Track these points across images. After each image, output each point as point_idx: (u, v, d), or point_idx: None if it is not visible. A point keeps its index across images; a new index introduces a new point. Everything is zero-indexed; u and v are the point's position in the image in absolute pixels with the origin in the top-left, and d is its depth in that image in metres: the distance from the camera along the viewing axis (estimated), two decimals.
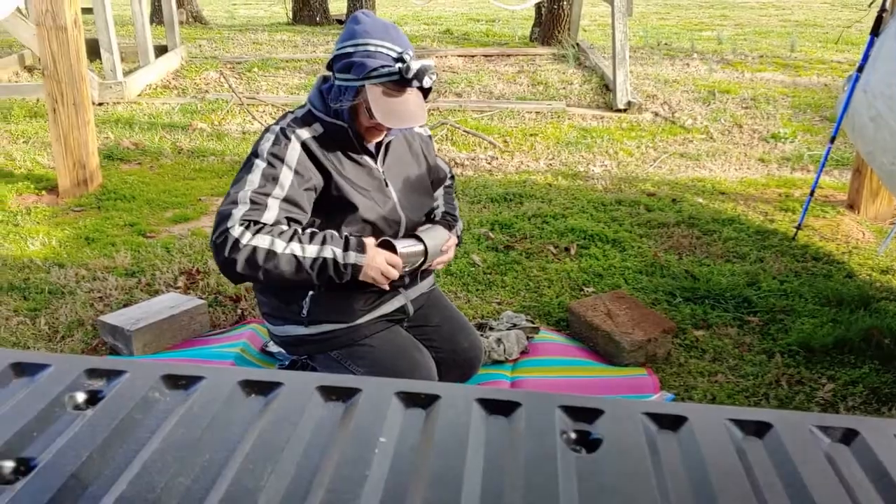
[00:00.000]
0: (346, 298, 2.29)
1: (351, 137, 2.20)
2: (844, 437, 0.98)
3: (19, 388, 1.02)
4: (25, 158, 5.06)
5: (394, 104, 2.07)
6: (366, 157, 2.26)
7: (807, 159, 5.40)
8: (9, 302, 3.12)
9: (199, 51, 9.04)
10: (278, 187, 2.08)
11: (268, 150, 2.12)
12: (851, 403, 2.56)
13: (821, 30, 11.39)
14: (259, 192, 2.07)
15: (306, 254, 2.05)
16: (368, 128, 2.18)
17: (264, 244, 2.02)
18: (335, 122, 2.18)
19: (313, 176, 2.14)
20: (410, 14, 14.07)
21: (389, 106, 2.07)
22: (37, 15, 4.17)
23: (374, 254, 2.12)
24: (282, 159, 2.10)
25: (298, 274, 2.06)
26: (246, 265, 2.02)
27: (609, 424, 0.98)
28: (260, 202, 2.06)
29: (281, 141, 2.12)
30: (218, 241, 2.03)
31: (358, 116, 2.16)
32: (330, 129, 2.19)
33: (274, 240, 2.03)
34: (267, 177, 2.09)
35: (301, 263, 2.05)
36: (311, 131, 2.18)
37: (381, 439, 0.92)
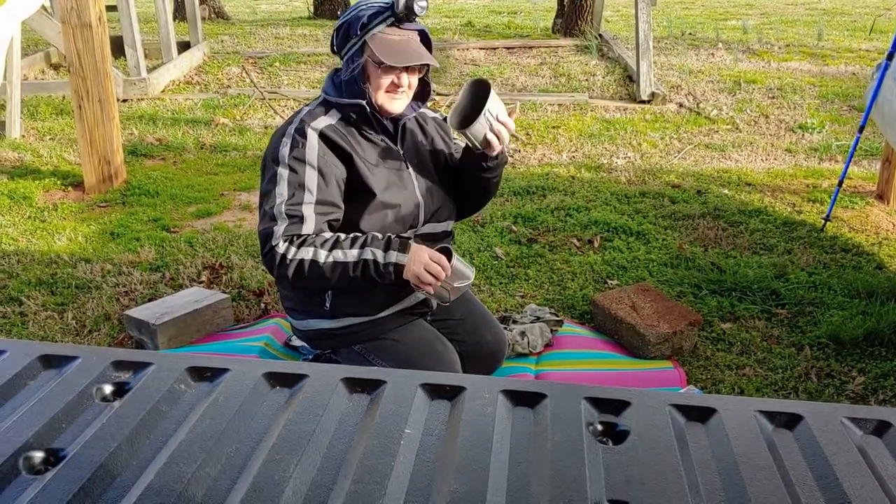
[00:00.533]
0: (368, 291, 2.29)
1: (368, 116, 2.21)
2: (877, 429, 0.96)
3: (48, 380, 1.03)
4: (52, 155, 5.12)
5: (396, 45, 2.12)
6: (385, 139, 2.27)
7: (835, 149, 5.32)
8: (37, 297, 3.16)
9: (222, 46, 9.08)
10: (307, 193, 2.10)
11: (287, 155, 2.13)
12: (882, 397, 2.52)
13: (848, 18, 11.22)
14: (292, 204, 2.09)
15: (348, 259, 2.08)
16: (385, 92, 2.17)
17: (308, 256, 2.06)
18: (352, 102, 2.19)
19: (336, 168, 2.14)
20: (432, 7, 14.04)
21: (392, 47, 2.11)
22: (62, 12, 4.21)
23: (417, 251, 2.11)
24: (303, 161, 2.11)
25: (343, 279, 2.09)
26: (296, 277, 2.09)
27: (636, 416, 0.97)
28: (296, 214, 2.09)
29: (298, 142, 2.13)
30: (266, 258, 2.11)
31: (370, 80, 2.17)
32: (346, 112, 2.21)
33: (317, 250, 2.07)
34: (294, 185, 2.10)
35: (345, 269, 2.08)
36: (328, 119, 2.19)
37: (407, 431, 0.91)
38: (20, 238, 3.79)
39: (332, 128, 2.18)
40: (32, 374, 1.04)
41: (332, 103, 2.22)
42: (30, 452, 0.88)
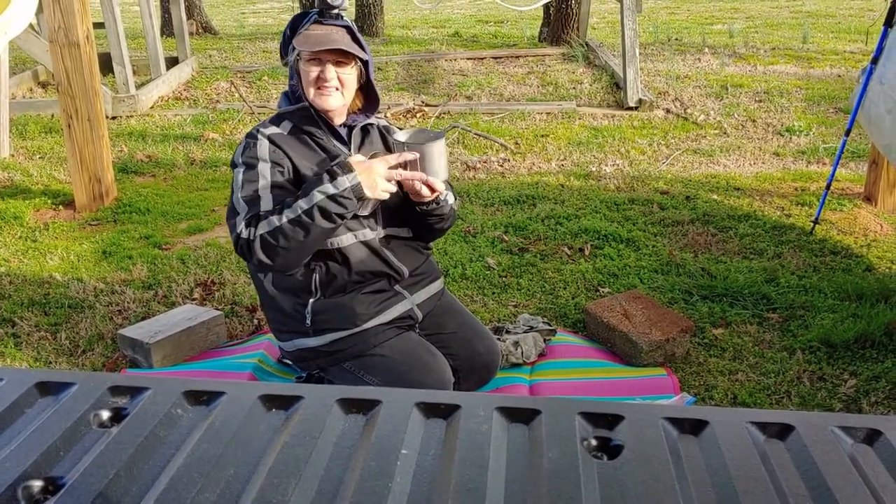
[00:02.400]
0: (348, 303, 2.31)
1: (316, 119, 2.31)
2: (867, 438, 0.98)
3: (45, 408, 1.04)
4: (42, 174, 5.11)
5: (316, 37, 2.23)
6: (336, 143, 2.35)
7: (822, 152, 5.36)
8: (30, 317, 3.16)
9: (210, 61, 9.09)
10: (262, 179, 2.21)
11: (241, 155, 2.27)
12: (875, 399, 2.54)
13: (833, 20, 11.31)
14: (248, 193, 2.19)
15: (301, 210, 2.12)
16: (314, 88, 2.25)
17: (266, 228, 2.13)
18: (296, 105, 2.30)
19: (285, 164, 2.25)
20: (419, 17, 14.09)
21: (312, 38, 2.22)
22: (50, 31, 4.21)
23: (360, 163, 2.15)
24: (255, 157, 2.24)
25: (310, 232, 2.13)
26: (265, 254, 2.14)
27: (629, 430, 0.98)
28: (253, 200, 2.19)
29: (250, 143, 2.27)
30: (238, 250, 2.19)
31: (301, 78, 2.27)
32: (297, 120, 2.31)
33: (271, 219, 2.14)
34: (249, 177, 2.22)
35: (303, 221, 2.11)
36: (278, 129, 2.31)
37: (403, 451, 0.92)
38: (12, 258, 3.78)
39: (281, 137, 2.29)
40: (30, 402, 1.04)
41: (283, 115, 2.34)
42: (29, 482, 0.88)
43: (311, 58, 2.23)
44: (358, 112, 2.42)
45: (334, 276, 2.29)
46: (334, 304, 2.30)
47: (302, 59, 2.25)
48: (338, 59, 2.24)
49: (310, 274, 2.29)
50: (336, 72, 2.24)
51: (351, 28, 2.29)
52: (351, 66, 2.28)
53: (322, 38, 2.22)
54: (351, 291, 2.31)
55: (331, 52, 2.22)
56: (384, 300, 2.36)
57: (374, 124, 2.47)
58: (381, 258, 2.33)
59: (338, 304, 2.30)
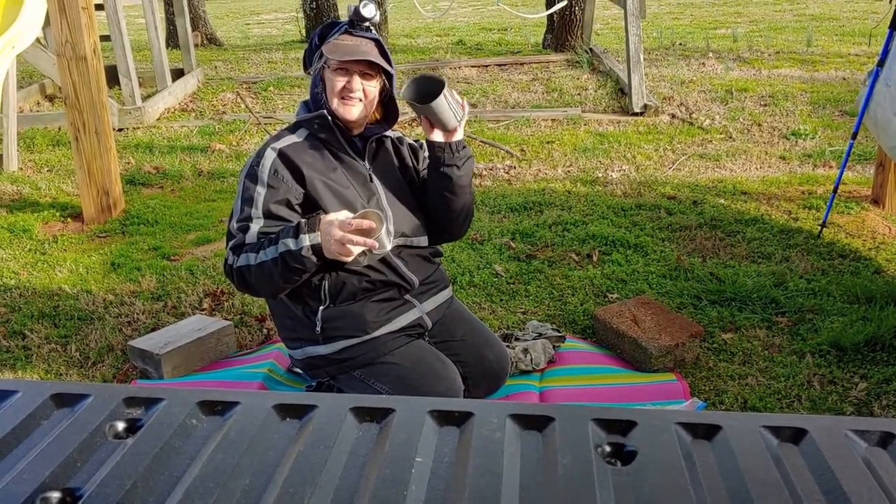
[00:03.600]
0: (358, 311, 2.31)
1: (333, 129, 2.30)
2: (881, 441, 0.98)
3: (61, 420, 1.04)
4: (50, 187, 5.14)
5: (345, 46, 2.24)
6: (351, 154, 2.36)
7: (828, 155, 5.36)
8: (40, 330, 3.17)
9: (215, 72, 9.13)
10: (254, 207, 2.23)
11: (245, 174, 2.28)
12: (886, 402, 2.53)
13: (836, 23, 11.30)
14: (241, 220, 2.23)
15: (269, 257, 2.14)
16: (339, 97, 2.26)
17: (243, 262, 2.18)
18: (314, 113, 2.30)
19: (289, 187, 2.23)
20: (423, 26, 14.13)
21: (341, 48, 2.23)
22: (56, 45, 4.24)
23: (325, 224, 2.09)
24: (254, 180, 2.25)
25: (274, 280, 2.15)
26: (242, 286, 2.24)
27: (643, 436, 0.98)
28: (243, 228, 2.22)
29: (256, 162, 2.27)
30: (226, 275, 2.28)
31: (326, 87, 2.28)
32: (314, 128, 2.32)
33: (248, 255, 2.17)
34: (245, 201, 2.24)
35: (270, 268, 2.14)
36: (294, 138, 2.31)
37: (417, 459, 0.92)
38: (21, 271, 3.80)
39: (295, 146, 2.28)
40: (46, 414, 1.05)
41: (300, 122, 2.35)
42: (47, 493, 0.89)
43: (339, 67, 2.24)
44: (375, 123, 2.43)
45: (343, 284, 2.30)
46: (344, 312, 2.31)
47: (329, 67, 2.26)
48: (364, 71, 2.25)
49: (319, 282, 2.29)
50: (362, 83, 2.25)
51: (379, 41, 2.30)
52: (376, 80, 2.30)
53: (352, 48, 2.23)
54: (360, 299, 2.32)
55: (358, 64, 2.23)
56: (394, 308, 2.37)
57: (388, 136, 2.47)
58: (391, 268, 2.34)
59: (347, 311, 2.31)
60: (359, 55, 2.21)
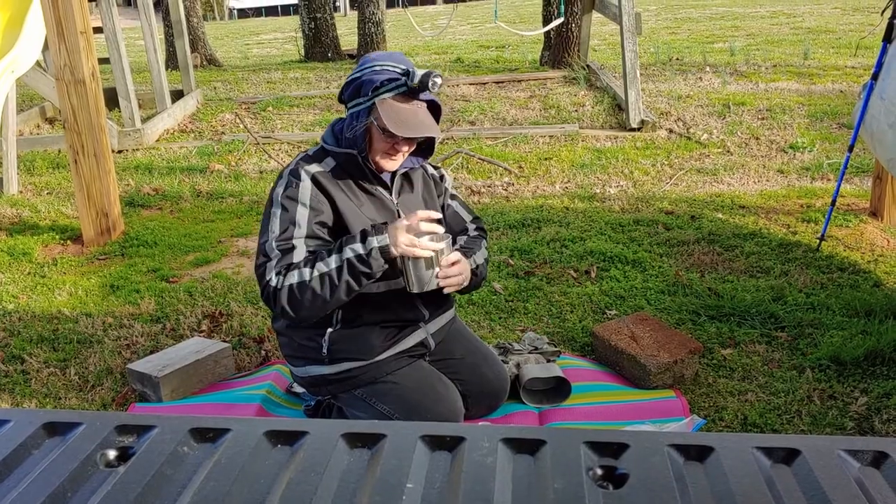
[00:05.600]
0: (365, 334, 2.30)
1: (363, 166, 2.24)
2: (874, 461, 0.97)
3: (52, 448, 1.04)
4: (50, 210, 5.15)
5: (404, 114, 2.14)
6: (379, 189, 2.31)
7: (826, 168, 5.37)
8: (39, 354, 3.17)
9: (215, 93, 9.18)
10: (297, 227, 2.16)
11: (281, 194, 2.20)
12: (886, 416, 2.52)
13: (833, 36, 11.36)
14: (283, 239, 2.15)
15: (331, 266, 2.10)
16: (383, 153, 2.21)
17: (294, 279, 2.10)
18: (347, 150, 2.23)
19: (325, 209, 2.20)
20: (421, 45, 14.21)
21: (400, 116, 2.13)
22: (56, 69, 4.27)
23: (392, 225, 2.11)
24: (295, 199, 2.18)
25: (336, 290, 2.10)
26: (290, 306, 2.12)
27: (635, 458, 0.97)
28: (286, 247, 2.14)
29: (292, 182, 2.21)
30: (263, 296, 2.16)
31: (372, 141, 2.21)
32: (342, 161, 2.25)
33: (301, 271, 2.11)
34: (285, 221, 2.17)
35: (332, 277, 2.09)
36: (323, 166, 2.24)
37: (409, 485, 0.92)
38: (21, 295, 3.81)
39: (326, 175, 2.23)
40: (37, 444, 1.05)
41: (329, 151, 2.27)
42: None
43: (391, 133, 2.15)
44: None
45: (359, 314, 2.29)
46: (351, 335, 2.30)
47: (378, 125, 2.16)
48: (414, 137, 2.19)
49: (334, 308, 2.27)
50: (407, 145, 2.22)
51: (434, 101, 2.22)
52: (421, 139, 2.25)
53: (411, 122, 2.13)
54: (369, 322, 2.31)
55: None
56: (400, 331, 2.37)
57: (415, 168, 2.43)
58: (405, 303, 2.34)
59: (354, 334, 2.30)
60: (419, 131, 2.13)
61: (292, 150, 6.52)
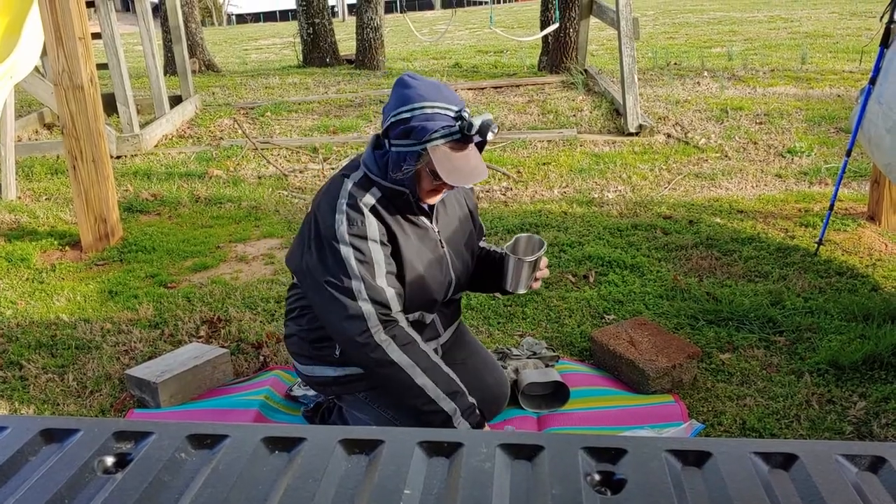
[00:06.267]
0: None
1: (411, 202, 2.19)
2: (872, 466, 0.97)
3: (50, 455, 1.04)
4: (48, 215, 5.15)
5: (457, 162, 2.06)
6: (423, 219, 2.27)
7: (824, 172, 5.37)
8: (37, 360, 3.16)
9: (213, 98, 9.19)
10: (377, 266, 2.12)
11: (347, 232, 2.11)
12: (885, 421, 2.52)
13: (830, 40, 11.38)
14: (370, 286, 2.10)
15: (431, 396, 2.14)
16: (429, 190, 2.17)
17: (404, 363, 2.12)
18: (394, 187, 2.15)
19: (388, 242, 2.17)
20: (419, 49, 14.23)
21: (454, 164, 2.06)
22: (54, 75, 4.27)
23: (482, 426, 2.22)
24: (365, 238, 2.12)
25: (414, 400, 2.15)
26: (378, 371, 2.15)
27: (633, 464, 0.97)
28: (377, 296, 2.11)
29: (355, 219, 2.12)
30: (361, 345, 2.12)
31: (420, 181, 2.14)
32: (388, 194, 2.18)
33: (415, 367, 2.12)
34: (364, 264, 2.11)
35: (423, 401, 2.14)
36: (372, 196, 2.17)
37: (406, 491, 0.92)
38: (19, 301, 3.80)
39: (378, 204, 2.17)
40: (34, 450, 1.05)
41: (375, 182, 2.18)
42: None
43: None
44: None
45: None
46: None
47: (429, 169, 2.10)
48: None
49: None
50: None
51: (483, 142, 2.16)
52: None
53: (464, 165, 2.06)
54: None
55: None
56: None
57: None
58: (429, 327, 2.36)
59: None
60: (472, 179, 2.07)
61: (290, 156, 6.52)
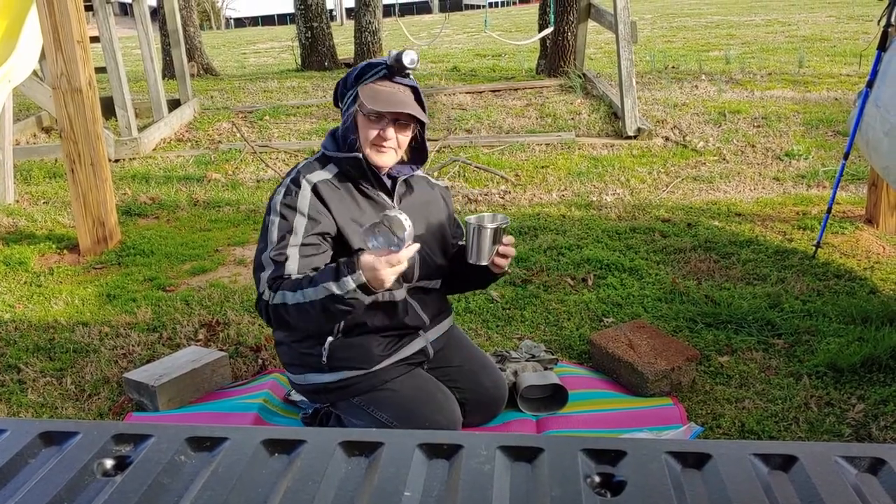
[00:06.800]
0: (365, 343, 2.30)
1: (364, 168, 2.26)
2: (871, 467, 0.97)
3: (49, 458, 1.04)
4: (46, 219, 5.15)
5: (383, 94, 2.19)
6: (381, 194, 2.32)
7: (822, 175, 5.38)
8: (35, 363, 3.16)
9: (211, 102, 9.19)
10: (293, 236, 2.16)
11: (280, 202, 2.20)
12: (884, 423, 2.52)
13: (828, 44, 11.40)
14: (279, 249, 2.15)
15: (308, 299, 2.07)
16: (372, 144, 2.23)
17: (278, 300, 2.10)
18: (349, 155, 2.25)
19: (324, 220, 2.20)
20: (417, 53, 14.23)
21: (377, 94, 2.19)
22: (52, 78, 4.27)
23: (366, 263, 1.99)
24: (294, 208, 2.18)
25: (317, 322, 2.12)
26: (277, 324, 2.17)
27: (632, 466, 0.98)
28: (280, 258, 2.14)
29: (292, 191, 2.21)
30: (257, 307, 2.20)
31: (360, 129, 2.24)
32: (342, 165, 2.27)
33: (285, 294, 2.09)
34: (283, 229, 2.17)
35: (310, 312, 2.08)
36: (324, 173, 2.25)
37: (406, 493, 0.92)
38: (17, 304, 3.80)
39: (327, 182, 2.24)
40: (33, 453, 1.04)
41: (331, 157, 2.29)
42: None
43: (373, 115, 2.19)
44: (403, 164, 2.39)
45: (360, 322, 2.29)
46: (351, 344, 2.30)
47: (362, 111, 2.21)
48: (399, 121, 2.22)
49: None
50: (395, 133, 2.22)
51: (417, 88, 2.26)
52: (410, 129, 2.27)
53: (390, 98, 2.18)
54: (369, 332, 2.31)
55: (394, 113, 2.20)
56: (400, 340, 2.37)
57: (419, 177, 2.46)
58: (405, 310, 2.35)
59: (354, 343, 2.30)
60: (399, 107, 2.17)
61: (289, 159, 6.52)
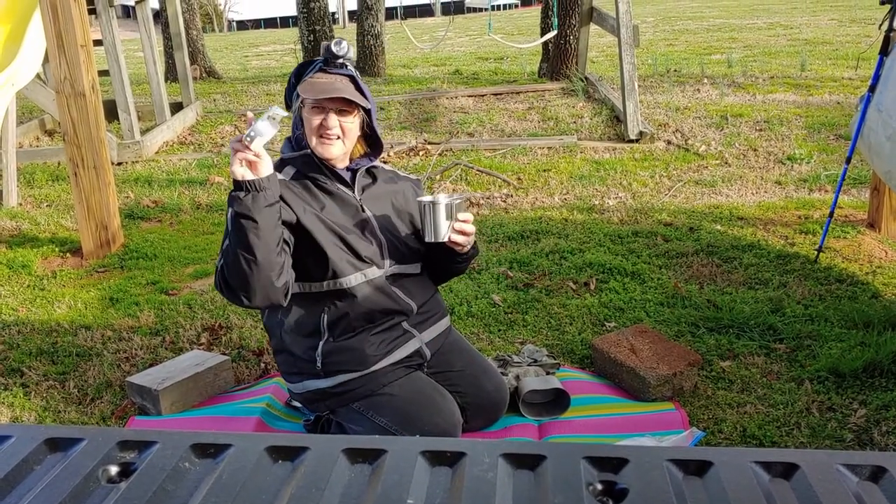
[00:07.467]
0: (357, 345, 2.32)
1: (317, 163, 2.33)
2: (872, 475, 0.98)
3: (54, 464, 1.04)
4: (49, 222, 5.16)
5: (319, 84, 2.26)
6: (340, 187, 2.37)
7: (824, 179, 5.38)
8: (38, 367, 3.17)
9: (214, 105, 9.20)
10: None
11: None
12: (885, 428, 2.52)
13: (830, 47, 11.40)
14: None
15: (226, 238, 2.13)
16: (317, 136, 2.28)
17: (219, 262, 2.16)
18: (302, 153, 2.33)
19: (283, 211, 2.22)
20: (420, 57, 14.26)
21: (315, 86, 2.25)
22: (56, 82, 4.28)
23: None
24: None
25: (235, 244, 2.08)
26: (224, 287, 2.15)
27: (635, 473, 0.98)
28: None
29: None
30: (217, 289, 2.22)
31: (305, 123, 2.30)
32: (299, 165, 2.34)
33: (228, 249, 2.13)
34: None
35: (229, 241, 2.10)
36: (282, 175, 2.30)
37: (409, 501, 0.92)
38: (20, 308, 3.81)
39: (283, 183, 2.28)
40: (38, 459, 1.05)
41: (286, 160, 2.36)
42: None
43: (315, 106, 2.26)
44: (361, 157, 2.45)
45: (342, 316, 2.30)
46: (344, 347, 2.31)
47: (305, 106, 2.28)
48: (340, 108, 2.27)
49: (318, 316, 2.30)
50: (338, 120, 2.27)
51: (354, 77, 2.32)
52: (353, 115, 2.31)
53: (326, 86, 2.24)
54: (360, 332, 2.32)
55: (333, 101, 2.25)
56: (393, 339, 2.37)
57: (377, 167, 2.50)
58: (387, 295, 2.35)
59: (347, 346, 2.31)
60: (332, 93, 2.23)
61: None
